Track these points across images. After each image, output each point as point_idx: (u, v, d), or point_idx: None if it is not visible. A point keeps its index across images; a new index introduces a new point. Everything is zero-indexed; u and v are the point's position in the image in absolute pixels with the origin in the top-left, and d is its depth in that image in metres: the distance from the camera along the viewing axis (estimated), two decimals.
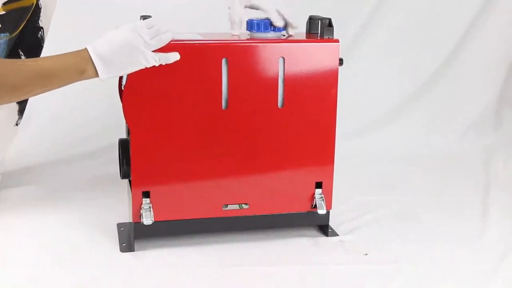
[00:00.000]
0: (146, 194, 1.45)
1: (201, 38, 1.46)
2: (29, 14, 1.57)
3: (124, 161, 1.46)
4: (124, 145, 1.48)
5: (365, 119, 2.41)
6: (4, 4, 1.49)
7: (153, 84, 1.40)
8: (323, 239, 1.58)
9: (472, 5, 2.51)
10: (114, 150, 1.55)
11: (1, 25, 1.50)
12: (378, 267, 1.43)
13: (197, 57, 1.41)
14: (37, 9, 1.60)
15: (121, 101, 1.44)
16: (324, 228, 1.60)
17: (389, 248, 1.53)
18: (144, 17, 1.40)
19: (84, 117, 2.27)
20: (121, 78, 1.54)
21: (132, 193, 1.45)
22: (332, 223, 1.61)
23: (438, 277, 1.40)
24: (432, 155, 2.29)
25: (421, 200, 1.85)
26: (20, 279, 1.35)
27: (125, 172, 1.46)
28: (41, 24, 1.64)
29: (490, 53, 2.54)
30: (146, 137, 1.43)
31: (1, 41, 1.51)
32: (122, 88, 1.43)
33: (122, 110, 1.42)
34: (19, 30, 1.56)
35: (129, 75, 1.39)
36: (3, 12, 1.49)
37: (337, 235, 1.59)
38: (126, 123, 1.45)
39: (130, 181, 1.49)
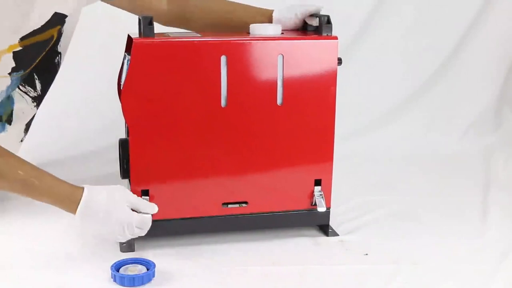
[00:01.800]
0: (145, 193, 1.45)
1: (199, 36, 1.45)
2: (48, 47, 1.50)
3: (125, 161, 1.45)
4: (124, 145, 1.48)
5: (365, 119, 2.41)
6: (21, 39, 1.41)
7: (152, 83, 1.40)
8: (323, 239, 1.57)
9: (472, 5, 2.51)
10: (115, 150, 1.55)
11: (16, 63, 1.44)
12: (378, 267, 1.42)
13: (195, 55, 1.41)
14: (59, 36, 1.53)
15: (120, 100, 1.43)
16: (324, 228, 1.60)
17: (389, 248, 1.53)
18: (145, 18, 1.39)
19: (84, 117, 2.27)
20: (120, 77, 1.54)
21: (131, 192, 1.45)
22: (332, 223, 1.60)
23: (438, 277, 1.39)
24: (432, 155, 2.28)
25: (421, 200, 1.85)
26: (20, 279, 1.35)
27: (126, 172, 1.46)
28: (59, 49, 1.59)
29: (490, 53, 2.55)
30: (145, 136, 1.42)
31: (13, 78, 1.47)
32: (121, 88, 1.43)
33: (121, 109, 1.41)
34: (34, 64, 1.50)
35: (128, 75, 1.39)
36: (20, 48, 1.42)
37: (337, 235, 1.59)
38: (125, 122, 1.45)
39: (130, 181, 1.49)
